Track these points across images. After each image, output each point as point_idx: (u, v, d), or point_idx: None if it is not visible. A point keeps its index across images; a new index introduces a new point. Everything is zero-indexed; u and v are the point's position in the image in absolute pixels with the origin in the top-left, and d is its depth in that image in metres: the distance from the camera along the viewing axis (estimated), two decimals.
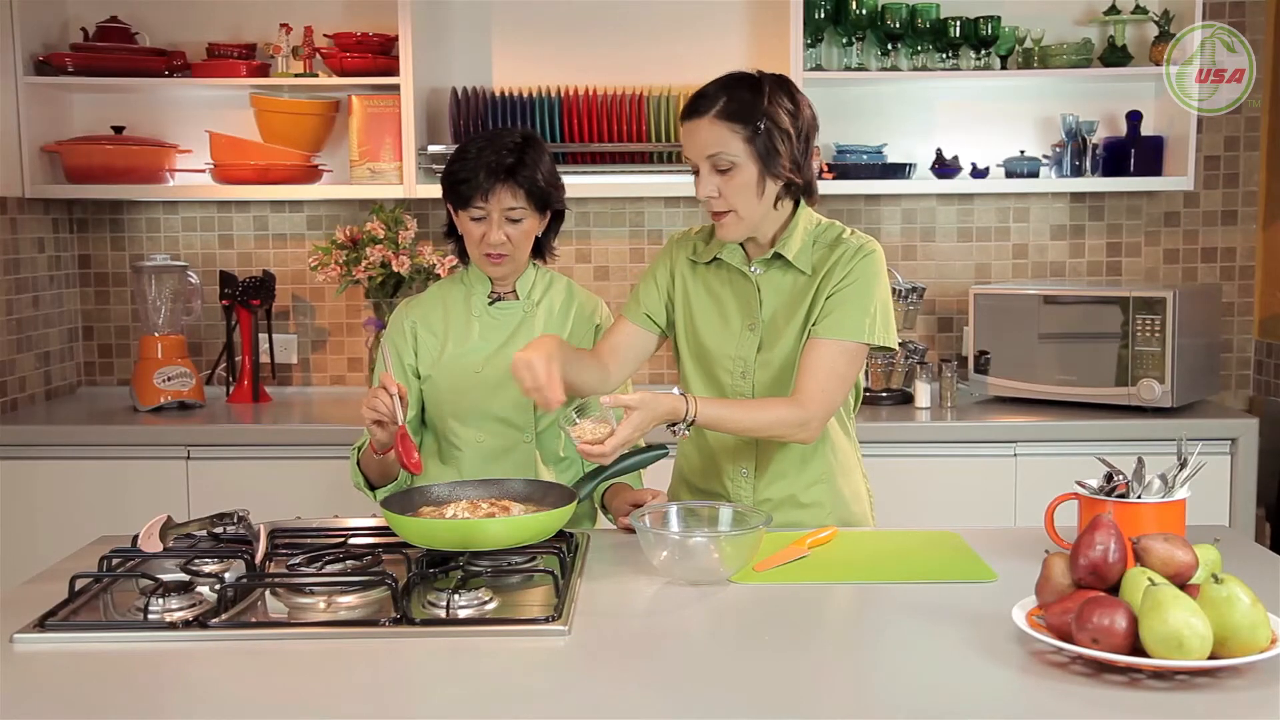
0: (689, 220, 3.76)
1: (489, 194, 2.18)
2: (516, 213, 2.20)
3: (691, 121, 2.08)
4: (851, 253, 2.13)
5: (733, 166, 2.06)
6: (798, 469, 2.20)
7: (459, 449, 2.26)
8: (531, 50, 3.69)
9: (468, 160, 2.20)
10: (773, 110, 2.06)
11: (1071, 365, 3.35)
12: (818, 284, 2.14)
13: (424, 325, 2.30)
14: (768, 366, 2.17)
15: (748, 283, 2.18)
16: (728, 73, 2.14)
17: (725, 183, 2.07)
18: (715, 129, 2.05)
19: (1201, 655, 1.40)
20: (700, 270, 2.23)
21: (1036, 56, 3.54)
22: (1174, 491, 1.86)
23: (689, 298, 2.23)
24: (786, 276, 2.17)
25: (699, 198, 2.10)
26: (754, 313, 2.17)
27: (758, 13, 3.65)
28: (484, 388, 2.24)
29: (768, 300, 2.18)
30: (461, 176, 2.20)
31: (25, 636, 1.63)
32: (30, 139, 3.48)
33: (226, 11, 3.68)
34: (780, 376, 2.17)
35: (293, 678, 1.53)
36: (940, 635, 1.64)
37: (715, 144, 2.06)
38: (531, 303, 2.30)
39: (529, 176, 2.20)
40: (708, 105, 2.07)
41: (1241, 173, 3.72)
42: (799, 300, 2.15)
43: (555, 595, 1.73)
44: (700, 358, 2.22)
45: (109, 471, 3.22)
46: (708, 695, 1.45)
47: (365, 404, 2.00)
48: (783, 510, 2.20)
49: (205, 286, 3.70)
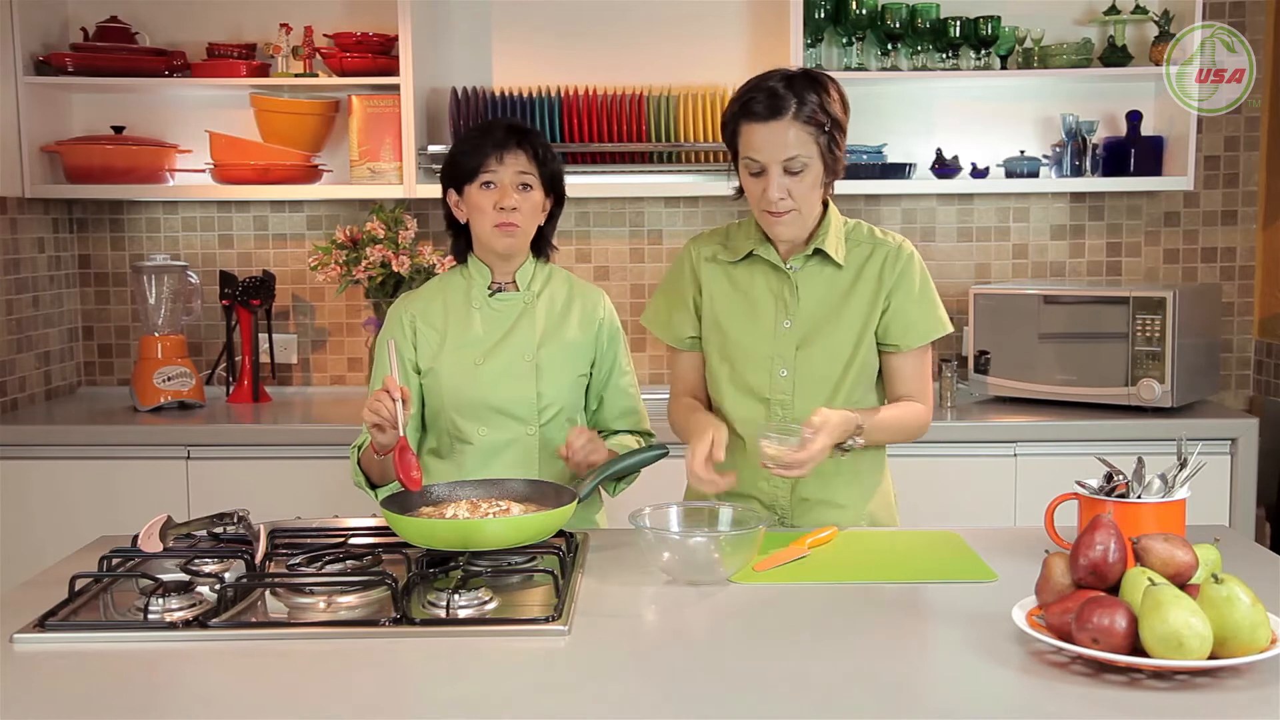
0: (689, 220, 3.76)
1: (503, 154, 2.18)
2: (528, 178, 2.21)
3: (770, 123, 2.04)
4: (895, 254, 2.19)
5: (804, 168, 2.06)
6: (834, 469, 2.20)
7: (461, 443, 2.25)
8: (531, 50, 3.70)
9: (473, 136, 2.24)
10: (834, 109, 2.08)
11: (1071, 365, 3.35)
12: (867, 286, 2.17)
13: (423, 319, 2.28)
14: (810, 364, 2.18)
15: (783, 279, 2.19)
16: (776, 69, 2.12)
17: (795, 183, 2.06)
18: (797, 131, 2.04)
19: (1201, 655, 1.40)
20: (725, 269, 2.22)
21: (1036, 56, 3.54)
22: (1174, 491, 1.86)
23: (714, 299, 2.23)
24: (824, 272, 2.18)
25: (771, 198, 2.06)
26: (791, 309, 2.18)
27: (758, 13, 3.65)
28: (485, 380, 2.23)
29: (805, 296, 2.18)
30: (470, 147, 2.22)
31: (25, 636, 1.63)
32: (30, 139, 3.48)
33: (226, 11, 3.68)
34: (825, 374, 2.17)
35: (293, 678, 1.53)
36: (940, 635, 1.64)
37: (796, 146, 2.04)
38: (532, 294, 2.28)
39: (538, 142, 2.23)
40: (786, 107, 2.04)
41: (1241, 173, 3.72)
42: (841, 298, 2.18)
43: (555, 595, 1.74)
44: (729, 358, 2.21)
45: (109, 471, 3.22)
46: (708, 695, 1.45)
47: (367, 407, 1.99)
48: (817, 510, 2.21)
49: (205, 286, 3.70)
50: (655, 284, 3.76)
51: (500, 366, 2.23)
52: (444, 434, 2.28)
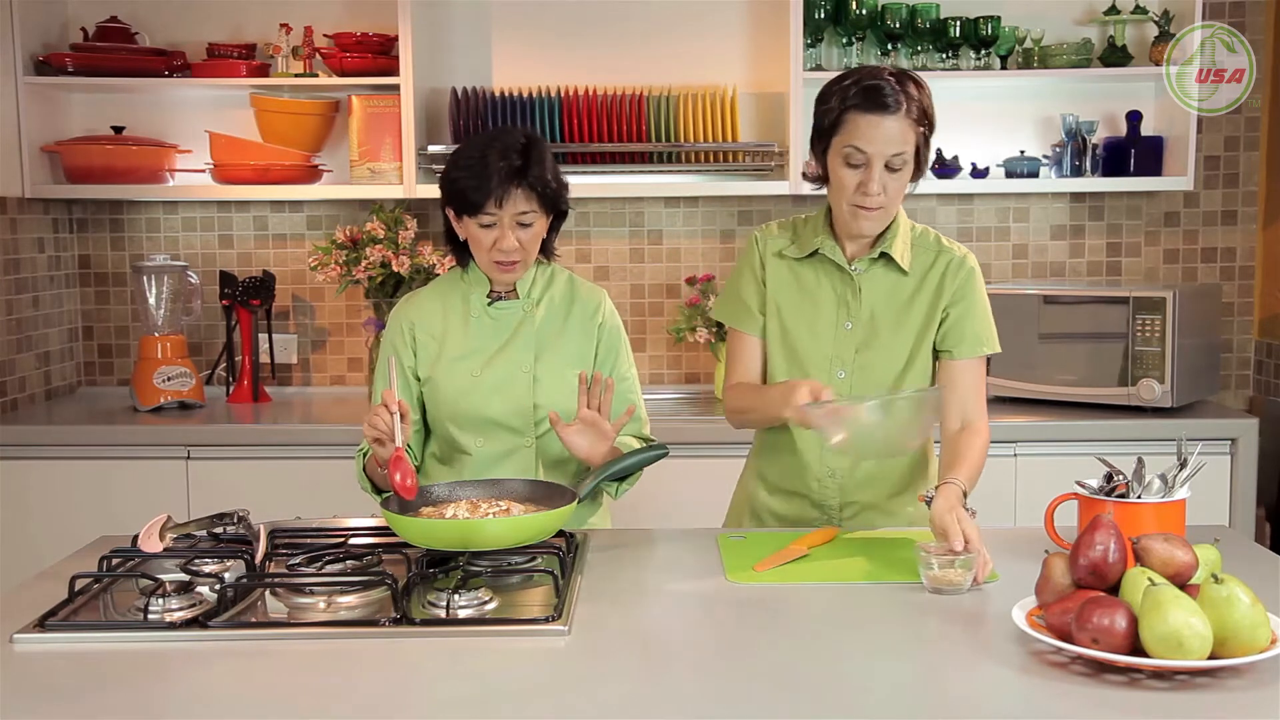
0: (689, 220, 3.76)
1: (502, 200, 2.09)
2: (528, 217, 2.13)
3: (885, 116, 2.02)
4: (957, 265, 2.18)
5: (903, 166, 2.06)
6: (883, 475, 2.21)
7: (459, 453, 2.24)
8: (531, 50, 3.69)
9: (472, 166, 2.11)
10: (932, 111, 2.08)
11: (1071, 365, 3.35)
12: (928, 294, 2.16)
13: (422, 326, 2.26)
14: (867, 368, 2.17)
15: (846, 280, 2.18)
16: (867, 66, 2.11)
17: (892, 180, 2.06)
18: (905, 128, 2.04)
19: (1201, 655, 1.40)
20: (790, 265, 2.21)
21: (1036, 56, 3.54)
22: (1174, 491, 1.86)
23: (778, 293, 2.21)
24: (888, 276, 2.18)
25: (871, 191, 2.05)
26: (853, 310, 2.17)
27: (758, 13, 3.65)
28: (482, 391, 2.20)
29: (867, 299, 2.18)
30: (469, 183, 2.11)
31: (25, 636, 1.63)
32: (30, 139, 3.48)
33: (226, 11, 3.68)
34: (880, 378, 2.17)
35: (293, 678, 1.53)
36: (940, 635, 1.64)
37: (902, 142, 2.04)
38: (531, 301, 2.26)
39: (539, 178, 2.12)
40: (900, 103, 2.03)
41: (1241, 173, 3.72)
42: (903, 303, 2.17)
43: (555, 595, 1.74)
44: (792, 358, 2.20)
45: (109, 472, 3.22)
46: (708, 695, 1.45)
47: (366, 421, 1.99)
48: (865, 515, 2.22)
49: (205, 286, 3.70)
50: (655, 284, 3.78)
51: (497, 378, 2.21)
52: (444, 443, 2.27)
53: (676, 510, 3.01)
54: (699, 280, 3.65)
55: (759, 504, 2.29)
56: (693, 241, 3.77)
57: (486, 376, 2.21)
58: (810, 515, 2.22)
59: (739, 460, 2.42)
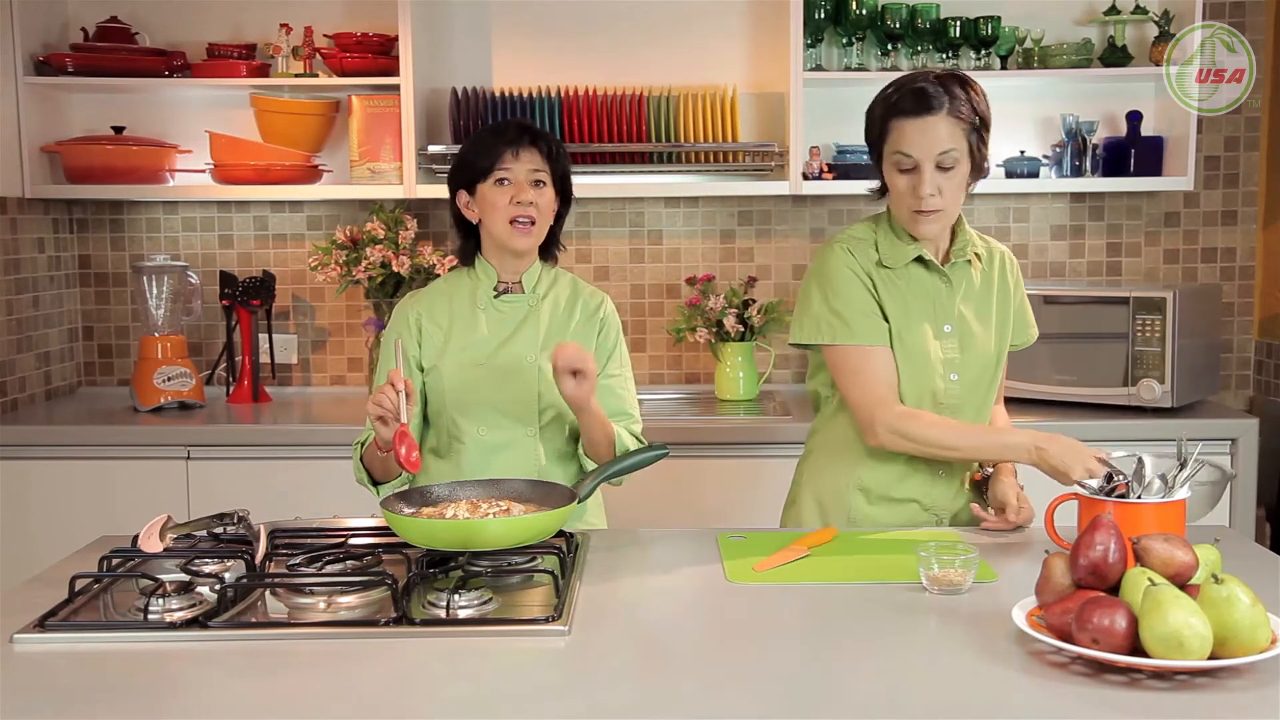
0: (689, 220, 3.76)
1: (518, 151, 2.21)
2: (541, 175, 2.23)
3: (925, 118, 2.04)
4: (1008, 258, 2.28)
5: (955, 164, 2.07)
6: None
7: (460, 443, 2.25)
8: (531, 50, 3.69)
9: (483, 138, 2.26)
10: (981, 107, 2.09)
11: (1072, 365, 3.35)
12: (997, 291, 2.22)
13: (429, 317, 2.28)
14: (968, 369, 2.19)
15: (941, 283, 2.18)
16: (917, 70, 2.14)
17: (946, 180, 2.07)
18: (949, 126, 2.05)
19: (1201, 655, 1.40)
20: (888, 275, 2.18)
21: (1036, 56, 3.54)
22: (1174, 491, 1.86)
23: (889, 304, 2.17)
24: (969, 276, 2.21)
25: (922, 194, 2.06)
26: (950, 313, 2.18)
27: (758, 13, 3.65)
28: (488, 381, 2.23)
29: (960, 301, 2.19)
30: (481, 149, 2.23)
31: (25, 636, 1.63)
32: (30, 139, 3.48)
33: (226, 11, 3.68)
34: (979, 376, 2.20)
35: (293, 678, 1.53)
36: (940, 635, 1.64)
37: (949, 141, 2.05)
38: (537, 297, 2.29)
39: (550, 141, 2.26)
40: (939, 102, 2.04)
41: (1241, 173, 3.72)
42: (984, 300, 2.21)
43: (555, 595, 1.74)
44: (910, 366, 2.16)
45: (109, 472, 3.22)
46: (708, 695, 1.45)
47: (371, 399, 2.00)
48: (957, 520, 2.24)
49: (205, 286, 3.70)
50: (655, 284, 3.78)
51: (503, 368, 2.23)
52: (444, 433, 2.28)
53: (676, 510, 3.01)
54: (699, 280, 3.65)
55: (859, 517, 2.22)
56: (693, 241, 3.77)
57: (492, 365, 2.24)
58: (920, 519, 2.21)
59: (739, 460, 2.42)
